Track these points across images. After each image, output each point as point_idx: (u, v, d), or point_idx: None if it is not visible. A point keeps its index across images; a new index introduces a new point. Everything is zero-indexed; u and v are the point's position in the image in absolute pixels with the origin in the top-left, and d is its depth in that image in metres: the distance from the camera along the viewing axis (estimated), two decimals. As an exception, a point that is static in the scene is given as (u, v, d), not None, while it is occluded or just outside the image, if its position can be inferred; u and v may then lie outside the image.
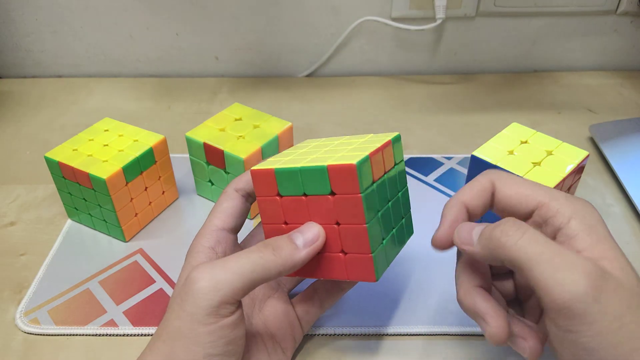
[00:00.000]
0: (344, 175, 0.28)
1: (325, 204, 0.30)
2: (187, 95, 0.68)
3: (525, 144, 0.44)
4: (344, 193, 0.29)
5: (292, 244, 0.29)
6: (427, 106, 0.66)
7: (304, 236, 0.30)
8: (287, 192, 0.31)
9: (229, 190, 0.34)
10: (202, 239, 0.33)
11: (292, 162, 0.31)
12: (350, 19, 0.69)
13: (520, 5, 0.68)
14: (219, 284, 0.27)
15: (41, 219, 0.48)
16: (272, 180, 0.31)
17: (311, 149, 0.33)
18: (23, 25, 0.69)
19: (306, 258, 0.30)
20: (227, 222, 0.34)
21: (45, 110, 0.66)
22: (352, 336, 0.38)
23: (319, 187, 0.29)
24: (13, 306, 0.40)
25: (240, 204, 0.34)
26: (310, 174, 0.29)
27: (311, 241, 0.30)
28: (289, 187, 0.30)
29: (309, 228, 0.30)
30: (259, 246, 0.29)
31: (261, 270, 0.28)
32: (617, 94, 0.69)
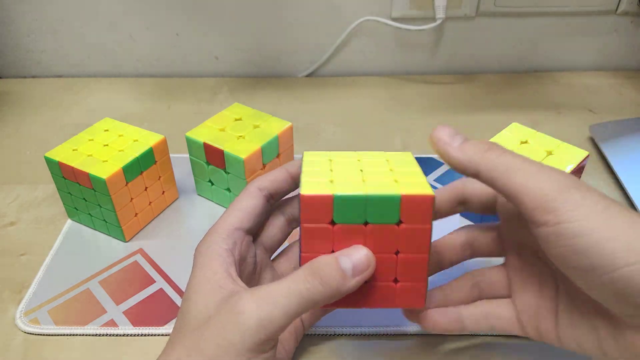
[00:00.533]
0: (419, 206, 0.27)
1: (389, 233, 0.28)
2: (187, 95, 0.68)
3: (525, 144, 0.44)
4: (414, 223, 0.27)
5: (340, 271, 0.27)
6: (427, 106, 0.66)
7: (352, 261, 0.27)
8: (344, 220, 0.28)
9: (252, 188, 0.32)
10: (218, 239, 0.30)
11: (346, 186, 0.28)
12: (350, 19, 0.69)
13: (520, 5, 0.68)
14: (266, 321, 0.26)
15: (41, 219, 0.48)
16: (328, 207, 0.27)
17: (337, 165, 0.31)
18: (23, 25, 0.69)
19: (355, 287, 0.27)
20: (245, 222, 0.31)
21: (45, 110, 0.66)
22: (352, 336, 0.38)
23: (386, 216, 0.27)
24: (13, 306, 0.40)
25: (262, 204, 0.32)
26: (380, 202, 0.27)
27: (361, 269, 0.27)
28: (348, 215, 0.28)
29: (357, 251, 0.28)
30: (305, 274, 0.27)
31: (307, 302, 0.26)
32: (617, 94, 0.69)
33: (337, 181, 0.29)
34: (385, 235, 0.28)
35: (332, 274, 0.27)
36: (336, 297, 0.27)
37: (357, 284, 0.27)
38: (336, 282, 0.27)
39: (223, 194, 0.48)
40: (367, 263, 0.28)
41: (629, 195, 0.49)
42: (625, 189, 0.50)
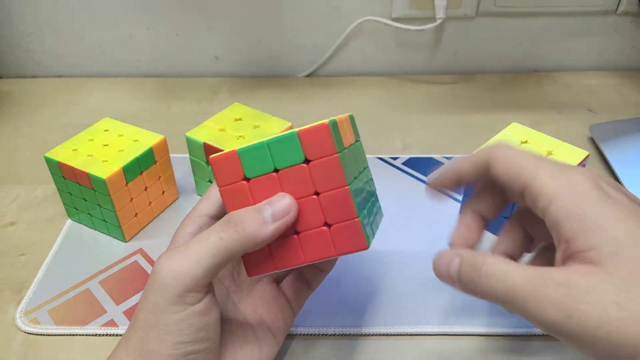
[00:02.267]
0: (318, 137, 0.27)
1: (300, 174, 0.28)
2: (187, 95, 0.68)
3: (525, 144, 0.44)
4: (320, 157, 0.27)
5: (258, 217, 0.27)
6: (427, 106, 0.66)
7: (272, 208, 0.28)
8: (255, 172, 0.29)
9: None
10: (185, 225, 0.32)
11: (249, 141, 0.29)
12: (350, 19, 0.69)
13: (520, 5, 0.68)
14: (179, 274, 0.26)
15: (41, 219, 0.48)
16: (235, 164, 0.29)
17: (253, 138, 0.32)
18: (23, 25, 0.69)
19: (275, 233, 0.28)
20: (212, 209, 0.32)
21: (45, 110, 0.66)
22: (352, 336, 0.38)
23: (290, 157, 0.28)
24: (13, 306, 0.40)
25: None
26: (280, 144, 0.28)
27: (281, 213, 0.28)
28: (256, 167, 0.28)
29: (279, 198, 0.28)
30: (220, 224, 0.28)
31: (223, 252, 0.27)
32: (617, 94, 0.68)
33: (245, 140, 0.30)
34: (298, 178, 0.28)
35: (247, 221, 0.27)
36: (255, 245, 0.27)
37: (278, 230, 0.28)
38: (252, 228, 0.27)
39: (223, 194, 0.48)
40: (287, 208, 0.28)
41: (629, 195, 0.49)
42: (625, 189, 0.50)
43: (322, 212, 0.28)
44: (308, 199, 0.28)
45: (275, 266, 0.30)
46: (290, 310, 0.35)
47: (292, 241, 0.29)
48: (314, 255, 0.29)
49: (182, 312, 0.27)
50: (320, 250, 0.29)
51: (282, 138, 0.28)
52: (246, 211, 0.28)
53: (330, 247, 0.29)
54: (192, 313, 0.27)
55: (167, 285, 0.27)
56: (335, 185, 0.28)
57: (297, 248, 0.29)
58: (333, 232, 0.28)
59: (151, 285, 0.27)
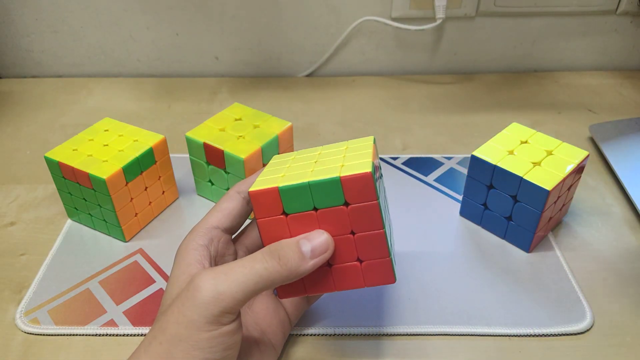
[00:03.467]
0: (359, 185, 0.28)
1: (339, 215, 0.29)
2: (187, 95, 0.68)
3: (525, 144, 0.44)
4: (360, 202, 0.28)
5: (299, 253, 0.29)
6: (427, 106, 0.66)
7: (312, 243, 0.29)
8: (295, 209, 0.30)
9: (231, 192, 0.35)
10: (196, 236, 0.32)
11: (292, 178, 0.30)
12: (350, 19, 0.69)
13: (520, 5, 0.68)
14: (222, 295, 0.27)
15: (41, 219, 0.48)
16: (275, 200, 0.29)
17: (295, 162, 0.32)
18: (23, 25, 0.69)
19: (313, 269, 0.29)
20: (223, 222, 0.33)
21: (45, 110, 0.66)
22: (352, 336, 0.38)
23: (331, 199, 0.29)
24: (13, 306, 0.40)
25: (240, 206, 0.34)
26: (322, 187, 0.29)
27: (320, 251, 0.29)
28: (296, 204, 0.29)
29: (317, 235, 0.29)
30: (264, 254, 0.29)
31: (265, 281, 0.28)
32: (617, 94, 0.68)
33: (287, 175, 0.30)
34: (336, 218, 0.29)
35: (290, 255, 0.28)
36: (294, 278, 0.29)
37: (315, 266, 0.29)
38: (294, 262, 0.28)
39: (223, 194, 0.48)
40: (326, 246, 0.29)
41: (629, 195, 0.49)
42: (625, 189, 0.50)
43: (355, 249, 0.30)
44: (344, 236, 0.30)
45: (305, 291, 0.31)
46: (288, 323, 0.36)
47: (324, 271, 0.31)
48: (344, 286, 0.31)
49: (215, 331, 0.27)
50: (351, 282, 0.31)
51: (324, 182, 0.28)
52: (288, 245, 0.29)
53: (361, 280, 0.31)
54: (224, 332, 0.28)
55: (207, 303, 0.27)
56: (371, 228, 0.29)
57: (328, 278, 0.31)
58: (364, 267, 0.30)
59: (189, 300, 0.27)
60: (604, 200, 0.50)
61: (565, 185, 0.42)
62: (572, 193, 0.45)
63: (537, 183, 0.40)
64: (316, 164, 0.31)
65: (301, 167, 0.31)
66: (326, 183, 0.28)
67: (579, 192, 0.50)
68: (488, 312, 0.39)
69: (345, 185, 0.28)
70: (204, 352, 0.27)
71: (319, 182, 0.28)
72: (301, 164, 0.32)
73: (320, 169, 0.30)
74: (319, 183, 0.29)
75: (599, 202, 0.50)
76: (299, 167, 0.31)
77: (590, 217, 0.48)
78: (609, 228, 0.47)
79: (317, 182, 0.29)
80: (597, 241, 0.45)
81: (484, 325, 0.38)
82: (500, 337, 0.37)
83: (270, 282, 0.28)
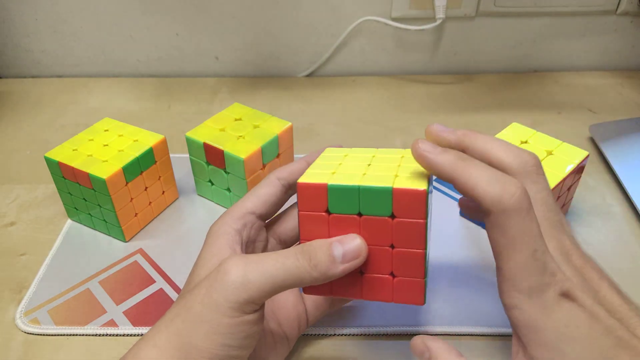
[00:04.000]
0: (411, 200, 0.27)
1: (383, 226, 0.28)
2: (187, 95, 0.68)
3: (525, 144, 0.44)
4: (407, 217, 0.27)
5: (330, 256, 0.28)
6: (427, 106, 0.66)
7: (344, 247, 0.28)
8: (339, 210, 0.29)
9: (271, 176, 0.34)
10: (229, 219, 0.32)
11: (343, 177, 0.29)
12: (350, 19, 0.69)
13: (520, 5, 0.68)
14: (250, 283, 0.27)
15: (41, 219, 0.48)
16: (322, 196, 0.28)
17: (348, 160, 0.31)
18: (23, 25, 0.69)
19: (343, 273, 0.28)
20: (259, 208, 0.33)
21: (45, 110, 0.66)
22: (352, 336, 0.38)
23: (378, 208, 0.28)
24: (13, 306, 0.40)
25: (278, 193, 0.34)
26: (372, 194, 0.28)
27: (351, 257, 0.28)
28: (341, 205, 0.28)
29: (350, 240, 0.28)
30: (296, 252, 0.28)
31: (294, 279, 0.28)
32: (617, 94, 0.69)
33: (338, 173, 0.29)
34: (379, 228, 0.28)
35: (322, 257, 0.28)
36: (323, 280, 0.28)
37: (345, 271, 0.28)
38: (324, 265, 0.28)
39: (223, 194, 0.48)
40: (358, 252, 0.28)
41: (629, 195, 0.49)
42: (625, 189, 0.50)
43: (391, 263, 0.29)
44: (382, 248, 0.29)
45: (331, 292, 0.30)
46: (305, 320, 0.36)
47: (355, 277, 0.30)
48: (371, 296, 0.30)
49: (237, 318, 0.27)
50: (379, 294, 0.30)
51: (375, 189, 0.27)
52: (320, 247, 0.28)
53: (389, 295, 0.30)
54: (246, 321, 0.27)
55: (235, 289, 0.27)
56: (413, 246, 0.28)
57: (357, 284, 0.30)
58: (396, 283, 0.29)
59: (218, 283, 0.27)
60: (604, 200, 0.50)
61: (565, 185, 0.42)
62: (572, 193, 0.45)
63: (537, 183, 0.40)
64: (369, 167, 0.30)
65: (353, 167, 0.30)
66: (377, 191, 0.27)
67: (579, 192, 0.50)
68: (488, 312, 0.39)
69: (396, 197, 0.27)
70: (224, 337, 0.27)
71: (370, 188, 0.27)
72: (354, 163, 0.31)
73: (373, 175, 0.29)
74: (369, 189, 0.27)
75: (599, 202, 0.50)
76: (351, 167, 0.30)
77: (590, 217, 0.48)
78: (609, 228, 0.47)
79: (368, 187, 0.27)
80: (597, 241, 0.45)
81: (484, 325, 0.38)
82: (501, 337, 0.37)
83: (298, 280, 0.28)
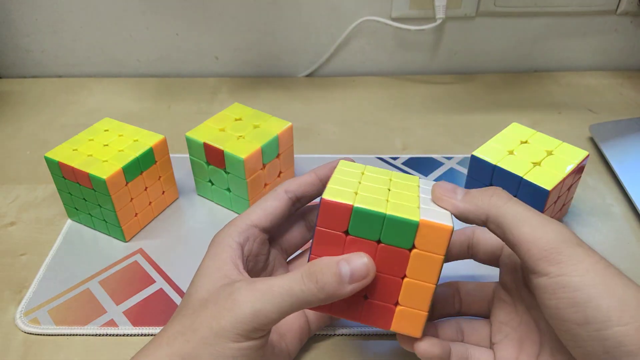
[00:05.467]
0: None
1: (398, 257, 0.28)
2: (187, 95, 0.68)
3: (525, 144, 0.44)
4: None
5: (337, 276, 0.27)
6: (427, 106, 0.66)
7: (351, 267, 0.28)
8: (358, 233, 0.28)
9: (279, 189, 0.34)
10: (233, 232, 0.32)
11: (368, 201, 0.28)
12: (350, 19, 0.69)
13: (520, 5, 0.68)
14: (259, 312, 0.27)
15: (41, 219, 0.48)
16: (344, 216, 0.28)
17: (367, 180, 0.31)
18: (23, 25, 0.69)
19: (350, 294, 0.28)
20: (263, 221, 0.33)
21: (45, 110, 0.66)
22: (352, 336, 0.38)
23: (399, 239, 0.28)
24: (13, 306, 0.40)
25: (284, 206, 0.34)
26: (397, 224, 0.27)
27: (359, 276, 0.28)
28: (362, 229, 0.28)
29: (357, 258, 0.28)
30: (303, 277, 0.28)
31: (301, 302, 0.28)
32: (617, 94, 0.69)
33: (361, 194, 0.29)
34: (395, 258, 0.28)
35: (329, 279, 0.27)
36: (331, 300, 0.28)
37: (353, 291, 0.28)
38: (332, 287, 0.27)
39: (223, 194, 0.48)
40: (366, 271, 0.28)
41: (629, 195, 0.49)
42: (625, 189, 0.50)
43: (399, 292, 0.29)
44: (393, 278, 0.29)
45: (330, 311, 0.30)
46: (308, 331, 0.36)
47: (357, 300, 0.30)
48: (369, 321, 0.30)
49: (243, 343, 0.27)
50: (378, 320, 0.30)
51: (401, 220, 0.27)
52: (328, 267, 0.28)
53: (389, 323, 0.30)
54: (251, 346, 0.28)
55: (244, 318, 0.27)
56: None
57: (358, 308, 0.30)
58: (398, 312, 0.29)
59: (227, 311, 0.27)
60: (604, 200, 0.50)
61: (565, 185, 0.42)
62: (572, 193, 0.45)
63: (537, 183, 0.40)
64: (390, 193, 0.30)
65: (375, 190, 0.30)
66: (403, 222, 0.27)
67: (579, 192, 0.50)
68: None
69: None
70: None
71: (396, 218, 0.27)
72: (374, 186, 0.30)
73: (397, 203, 0.28)
74: (396, 219, 0.27)
75: (599, 202, 0.50)
76: (372, 189, 0.30)
77: (590, 217, 0.48)
78: (609, 228, 0.47)
79: (394, 218, 0.27)
80: (597, 241, 0.45)
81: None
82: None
83: (306, 303, 0.28)
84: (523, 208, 0.28)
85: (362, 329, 0.38)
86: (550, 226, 0.27)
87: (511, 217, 0.28)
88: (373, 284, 0.29)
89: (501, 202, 0.29)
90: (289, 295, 0.27)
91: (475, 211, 0.29)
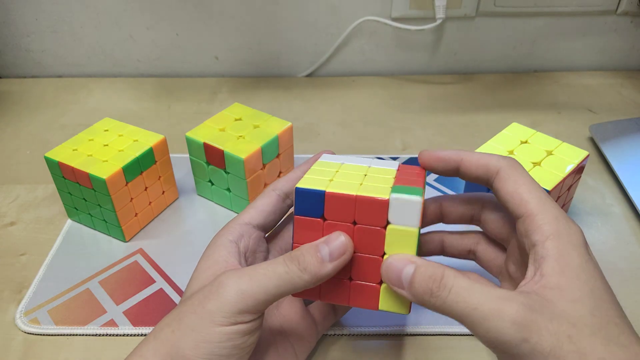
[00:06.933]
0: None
1: (375, 236, 0.29)
2: (187, 95, 0.69)
3: (525, 144, 0.44)
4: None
5: (317, 257, 0.28)
6: (427, 106, 0.66)
7: (329, 247, 0.29)
8: (334, 217, 0.29)
9: (267, 189, 0.35)
10: (226, 232, 0.33)
11: (340, 186, 0.29)
12: (350, 19, 0.69)
13: (520, 5, 0.68)
14: (244, 293, 0.27)
15: (41, 219, 0.48)
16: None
17: (345, 169, 0.32)
18: (23, 25, 0.69)
19: (333, 272, 0.29)
20: (255, 218, 0.34)
21: (45, 110, 0.66)
22: (352, 336, 0.38)
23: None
24: (13, 306, 0.40)
25: (274, 202, 0.35)
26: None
27: (338, 254, 0.29)
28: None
29: (335, 238, 0.29)
30: (285, 259, 0.29)
31: (287, 285, 0.28)
32: (617, 94, 0.69)
33: (335, 182, 0.30)
34: (372, 237, 0.29)
35: (310, 260, 0.28)
36: (315, 282, 0.28)
37: (335, 269, 0.29)
38: (314, 267, 0.28)
39: (223, 194, 0.48)
40: (344, 248, 0.29)
41: (629, 195, 0.49)
42: (625, 189, 0.50)
43: (381, 272, 0.29)
44: (373, 257, 0.29)
45: (319, 297, 0.31)
46: (315, 331, 0.36)
47: (343, 283, 0.30)
48: (357, 303, 0.31)
49: (228, 327, 0.27)
50: (365, 301, 0.30)
51: (370, 199, 0.28)
52: (307, 250, 0.29)
53: (376, 302, 0.30)
54: (238, 330, 0.28)
55: (230, 299, 0.27)
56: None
57: (345, 291, 0.30)
58: (383, 291, 0.30)
59: (213, 295, 0.28)
60: (604, 200, 0.50)
61: (565, 185, 0.42)
62: (572, 193, 0.45)
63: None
64: (366, 177, 0.31)
65: (350, 176, 0.31)
66: (372, 201, 0.28)
67: (579, 192, 0.50)
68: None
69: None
70: (211, 345, 0.27)
71: (366, 198, 0.28)
72: (351, 172, 0.31)
73: (370, 185, 0.29)
74: (365, 199, 0.28)
75: (599, 202, 0.50)
76: (348, 175, 0.31)
77: (590, 217, 0.48)
78: (609, 228, 0.47)
79: (364, 197, 0.28)
80: (597, 241, 0.45)
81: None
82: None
83: (292, 286, 0.28)
84: (460, 305, 0.27)
85: (362, 329, 0.38)
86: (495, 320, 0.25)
87: (457, 315, 0.27)
88: (356, 265, 0.30)
89: (439, 302, 0.27)
90: (273, 276, 0.28)
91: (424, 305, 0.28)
